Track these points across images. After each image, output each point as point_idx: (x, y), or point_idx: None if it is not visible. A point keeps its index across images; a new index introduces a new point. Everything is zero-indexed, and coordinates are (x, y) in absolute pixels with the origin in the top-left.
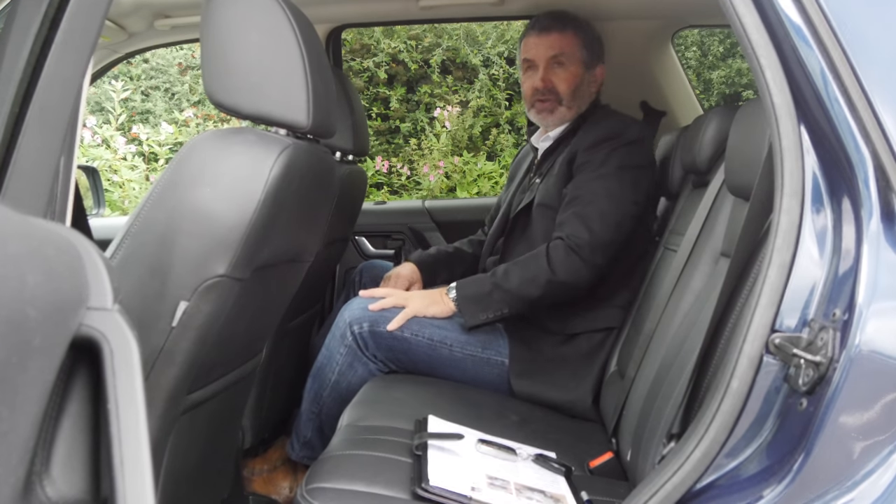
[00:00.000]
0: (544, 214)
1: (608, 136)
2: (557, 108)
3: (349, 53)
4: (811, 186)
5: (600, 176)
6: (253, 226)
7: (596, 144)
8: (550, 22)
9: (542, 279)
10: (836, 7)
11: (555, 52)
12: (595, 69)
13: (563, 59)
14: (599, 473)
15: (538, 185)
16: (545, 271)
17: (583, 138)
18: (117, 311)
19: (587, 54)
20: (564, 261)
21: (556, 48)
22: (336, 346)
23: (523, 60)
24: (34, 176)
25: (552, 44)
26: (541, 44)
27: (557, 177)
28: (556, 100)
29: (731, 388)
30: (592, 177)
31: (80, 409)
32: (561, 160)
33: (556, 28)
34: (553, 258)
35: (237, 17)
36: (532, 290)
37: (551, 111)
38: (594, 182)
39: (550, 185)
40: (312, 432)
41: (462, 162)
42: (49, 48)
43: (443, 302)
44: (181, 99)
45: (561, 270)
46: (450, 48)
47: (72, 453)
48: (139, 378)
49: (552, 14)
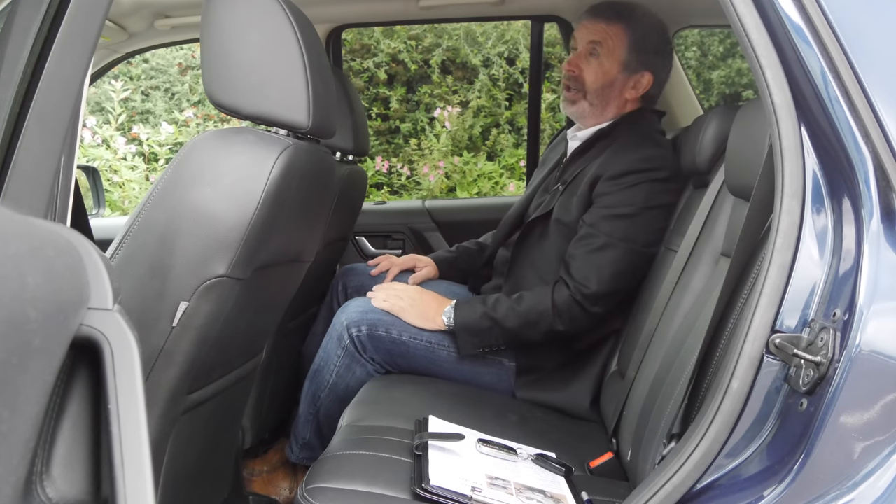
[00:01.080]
0: (560, 231)
1: (636, 169)
2: (580, 101)
3: (349, 53)
4: (811, 186)
5: (619, 216)
6: (253, 226)
7: (621, 176)
8: (604, 10)
9: (544, 326)
10: (837, 7)
11: (593, 37)
12: (636, 75)
13: (600, 51)
14: (599, 473)
15: (559, 194)
16: (549, 319)
17: (611, 162)
18: (117, 312)
19: (630, 56)
20: (568, 311)
21: (596, 35)
22: (333, 348)
23: (572, 48)
24: (34, 176)
25: (595, 30)
26: (586, 28)
27: (579, 197)
28: (581, 92)
29: (732, 388)
30: (611, 214)
31: (81, 409)
32: (586, 180)
33: (605, 17)
34: (558, 306)
35: (237, 17)
36: (531, 333)
37: (573, 102)
38: (613, 221)
39: (572, 203)
40: (311, 433)
41: (462, 162)
42: (49, 48)
43: (434, 322)
44: (181, 99)
45: (563, 320)
46: (450, 48)
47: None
48: (139, 378)
49: (611, 3)
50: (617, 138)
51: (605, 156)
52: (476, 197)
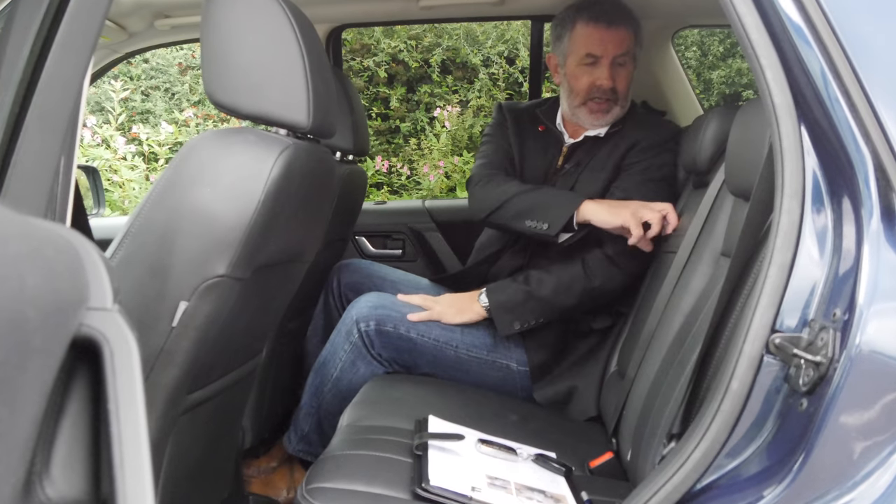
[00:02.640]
0: None
1: (665, 140)
2: (613, 107)
3: (349, 53)
4: (811, 186)
5: (652, 180)
6: (253, 226)
7: (650, 147)
8: (616, 14)
9: (578, 287)
10: (837, 7)
11: (622, 50)
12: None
13: (626, 59)
14: (599, 473)
15: (577, 174)
16: (581, 280)
17: (640, 135)
18: (117, 312)
19: (637, 51)
20: (601, 268)
21: (623, 46)
22: (341, 342)
23: (586, 54)
24: (34, 176)
25: (621, 41)
26: (610, 39)
27: (605, 175)
28: (614, 100)
29: (732, 388)
30: (644, 179)
31: (80, 409)
32: (613, 156)
33: (624, 24)
34: (589, 264)
35: (237, 17)
36: (566, 299)
37: (607, 111)
38: (645, 185)
39: (595, 180)
40: (311, 427)
41: (462, 162)
42: (49, 48)
43: (472, 310)
44: (181, 99)
45: (596, 277)
46: (450, 48)
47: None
48: (139, 378)
49: (614, 5)
50: (629, 122)
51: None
52: None
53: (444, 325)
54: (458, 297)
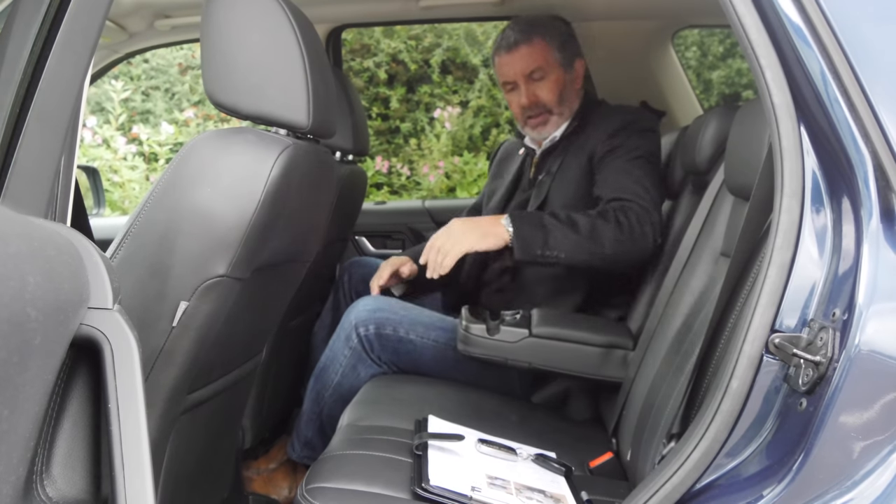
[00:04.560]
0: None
1: (624, 125)
2: (549, 118)
3: (349, 53)
4: (811, 186)
5: (632, 159)
6: (253, 226)
7: (615, 134)
8: (516, 36)
9: (609, 236)
10: (836, 7)
11: (530, 67)
12: (574, 66)
13: (541, 73)
14: (599, 473)
15: (549, 183)
16: (615, 229)
17: (598, 130)
18: (118, 311)
19: (561, 56)
20: (636, 221)
21: (529, 64)
22: (340, 347)
23: (503, 84)
24: (35, 176)
25: (524, 60)
26: (513, 62)
27: (577, 174)
28: (546, 111)
29: (731, 387)
30: (624, 161)
31: (81, 408)
32: (579, 159)
33: (523, 41)
34: (623, 219)
35: (237, 17)
36: (596, 247)
37: (545, 123)
38: (629, 165)
39: (571, 182)
40: (314, 433)
41: (462, 162)
42: (50, 48)
43: (495, 233)
44: (181, 99)
45: (632, 229)
46: (450, 48)
47: (72, 453)
48: (139, 378)
49: (515, 26)
50: (590, 120)
51: (589, 132)
52: (476, 197)
53: (443, 326)
54: (477, 221)
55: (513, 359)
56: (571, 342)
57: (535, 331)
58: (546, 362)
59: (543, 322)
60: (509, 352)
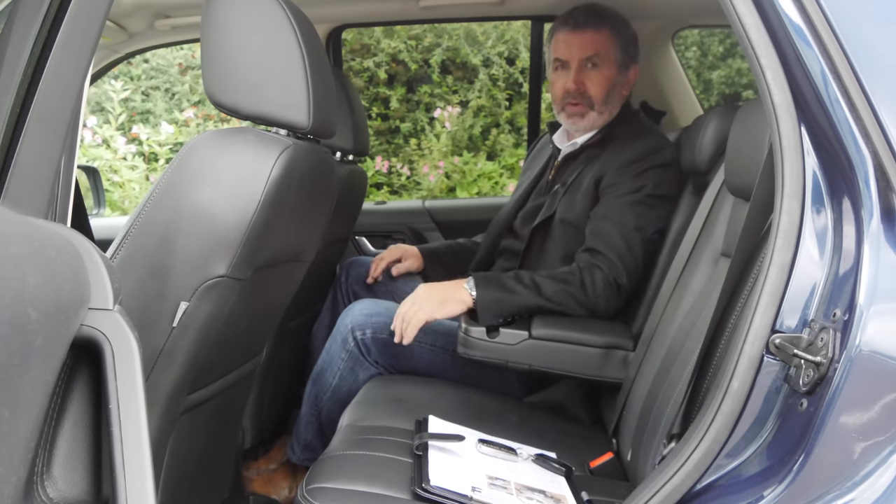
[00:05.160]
0: (566, 232)
1: (639, 157)
2: (589, 112)
3: (349, 53)
4: (811, 186)
5: (630, 203)
6: (253, 226)
7: (626, 165)
8: (586, 18)
9: (572, 302)
10: (837, 7)
11: (589, 52)
12: (629, 71)
13: (598, 61)
14: (599, 473)
15: (561, 195)
16: (579, 292)
17: (613, 157)
18: (118, 312)
19: (622, 55)
20: (602, 286)
21: (590, 48)
22: (337, 351)
23: (554, 59)
24: (35, 176)
25: (587, 43)
26: (574, 42)
27: (584, 195)
28: (588, 104)
29: (732, 388)
30: (622, 203)
31: (81, 409)
32: (589, 177)
33: (592, 25)
34: (588, 281)
35: (237, 17)
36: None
37: (582, 115)
38: (624, 208)
39: (577, 201)
40: (313, 435)
41: (462, 162)
42: (50, 48)
43: (457, 298)
44: (181, 99)
45: (596, 295)
46: (450, 48)
47: (73, 453)
48: (140, 378)
49: (588, 9)
50: (615, 137)
51: (609, 152)
52: (476, 197)
53: (440, 329)
54: (439, 288)
55: (513, 361)
56: (571, 343)
57: (535, 332)
58: (546, 364)
59: (543, 324)
60: (509, 354)
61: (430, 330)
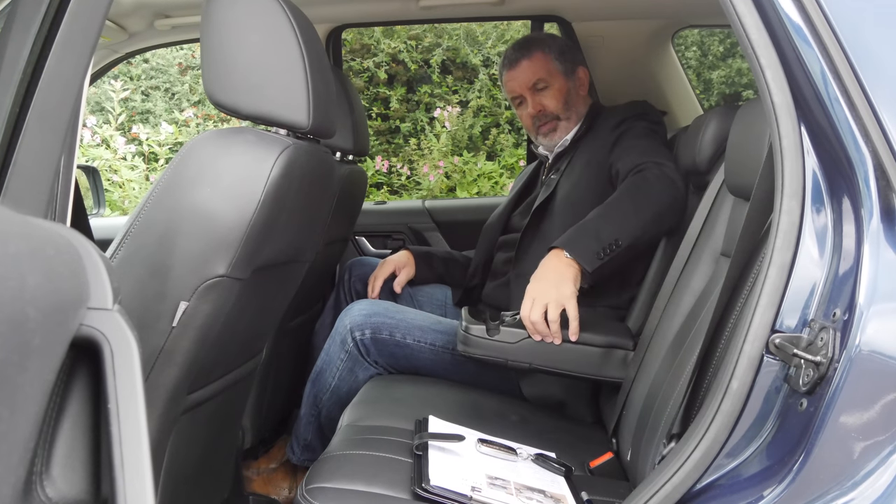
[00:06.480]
0: (566, 210)
1: (627, 116)
2: (558, 124)
3: (349, 53)
4: (811, 186)
5: (638, 136)
6: (253, 226)
7: (619, 123)
8: (515, 53)
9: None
10: (837, 7)
11: (532, 80)
12: (576, 73)
13: (544, 83)
14: (599, 473)
15: (557, 180)
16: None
17: (604, 126)
18: (117, 312)
19: (562, 65)
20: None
21: (532, 76)
22: (336, 351)
23: (511, 99)
24: (34, 176)
25: (526, 73)
26: (516, 77)
27: (587, 170)
28: (554, 118)
29: (732, 388)
30: (632, 137)
31: (80, 409)
32: (584, 156)
33: (523, 56)
34: (648, 175)
35: (237, 17)
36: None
37: (555, 129)
38: (636, 139)
39: (576, 178)
40: (313, 435)
41: (462, 162)
42: (49, 48)
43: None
44: (181, 99)
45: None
46: (450, 48)
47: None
48: (139, 378)
49: (514, 45)
50: (595, 122)
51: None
52: (476, 197)
53: (439, 328)
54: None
55: (513, 359)
56: (571, 342)
57: None
58: (546, 363)
59: None
60: (509, 352)
61: (430, 329)
